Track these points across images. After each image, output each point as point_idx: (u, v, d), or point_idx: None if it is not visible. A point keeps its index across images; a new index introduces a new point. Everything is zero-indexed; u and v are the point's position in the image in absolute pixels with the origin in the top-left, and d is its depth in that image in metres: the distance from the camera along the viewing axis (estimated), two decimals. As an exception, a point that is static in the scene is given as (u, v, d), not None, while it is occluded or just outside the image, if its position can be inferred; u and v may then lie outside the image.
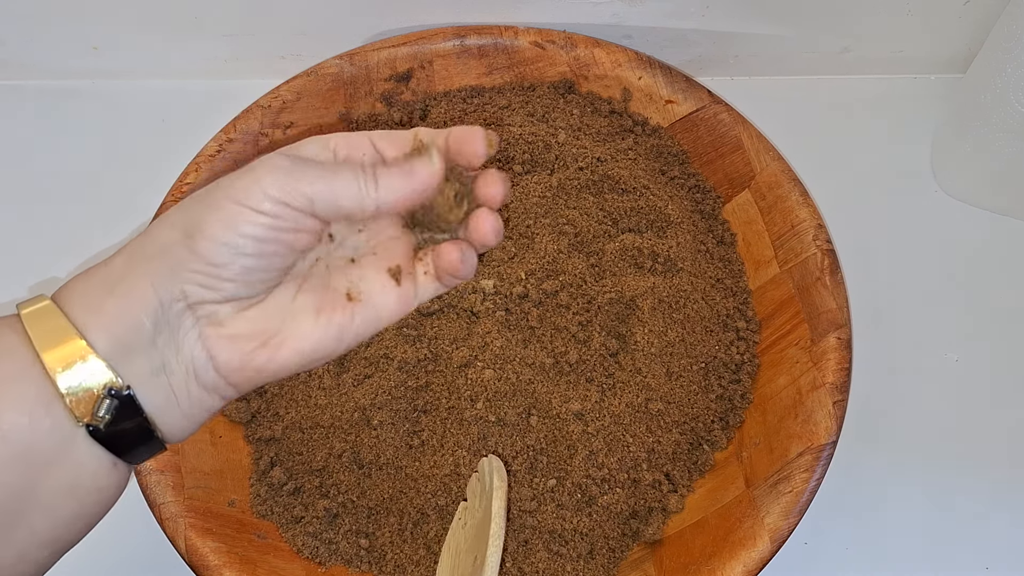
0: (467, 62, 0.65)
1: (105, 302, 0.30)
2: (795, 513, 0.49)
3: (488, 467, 0.49)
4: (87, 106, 0.73)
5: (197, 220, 0.31)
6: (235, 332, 0.32)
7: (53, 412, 0.29)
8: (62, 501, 0.30)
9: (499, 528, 0.44)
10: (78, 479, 0.30)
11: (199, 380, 0.32)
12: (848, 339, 0.53)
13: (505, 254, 0.57)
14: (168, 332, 0.31)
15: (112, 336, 0.30)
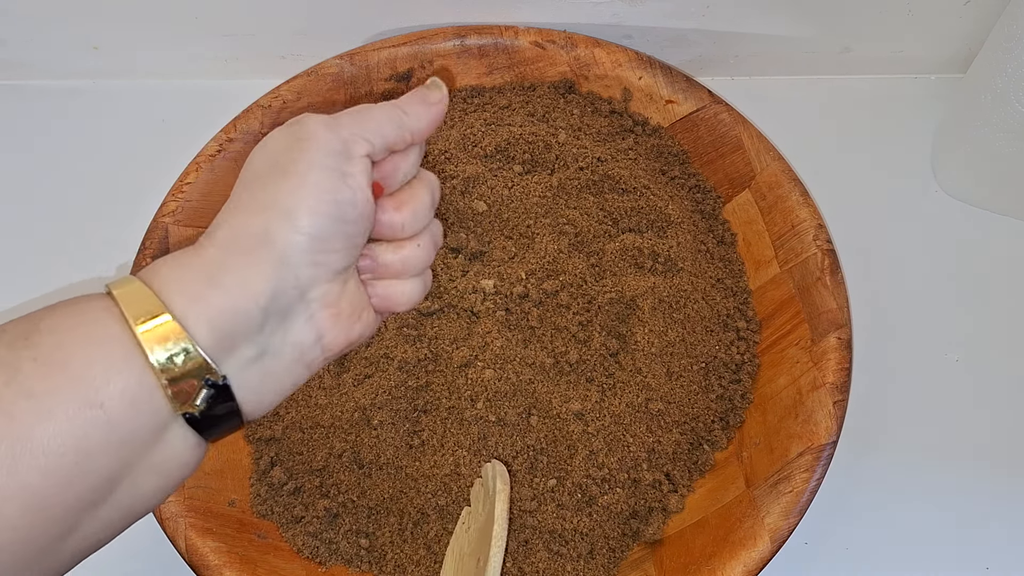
0: (467, 62, 0.65)
1: (210, 295, 0.30)
2: (795, 513, 0.49)
3: (491, 472, 0.49)
4: (87, 106, 0.73)
5: (287, 201, 0.31)
6: (340, 309, 0.34)
7: (154, 401, 0.29)
8: (151, 478, 0.30)
9: (501, 530, 0.45)
10: (167, 459, 0.30)
11: (303, 359, 0.33)
12: (848, 339, 0.53)
13: (505, 254, 0.57)
14: (278, 319, 0.32)
15: (216, 328, 0.30)
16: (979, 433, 0.60)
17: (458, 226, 0.58)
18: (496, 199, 0.58)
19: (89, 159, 0.70)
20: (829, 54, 0.71)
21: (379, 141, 0.34)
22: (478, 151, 0.60)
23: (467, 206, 0.58)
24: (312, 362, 0.34)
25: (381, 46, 0.64)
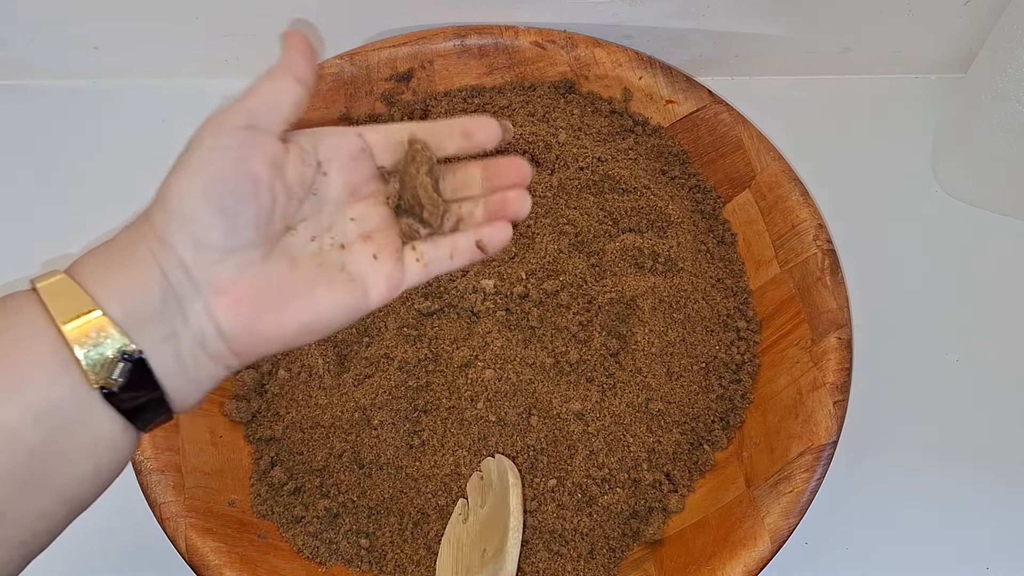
0: (468, 62, 0.65)
1: (115, 276, 0.32)
2: (795, 513, 0.49)
3: (497, 466, 0.49)
4: (87, 106, 0.73)
5: (166, 185, 0.34)
6: (238, 296, 0.34)
7: (72, 377, 0.30)
8: (83, 459, 0.31)
9: (518, 522, 0.47)
10: (97, 439, 0.31)
11: (206, 348, 0.33)
12: (848, 339, 0.53)
13: (505, 254, 0.57)
14: (175, 301, 0.33)
15: (125, 306, 0.31)
16: (979, 433, 0.60)
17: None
18: (496, 199, 0.58)
19: (89, 159, 0.70)
20: (829, 54, 0.71)
21: (263, 108, 0.35)
22: (478, 151, 0.60)
23: (467, 206, 0.58)
24: (218, 355, 0.34)
25: (381, 46, 0.64)
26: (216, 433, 0.54)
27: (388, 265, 0.37)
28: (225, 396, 0.56)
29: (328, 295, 0.35)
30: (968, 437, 0.60)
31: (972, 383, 0.61)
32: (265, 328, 0.34)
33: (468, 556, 0.48)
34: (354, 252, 0.37)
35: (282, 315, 0.34)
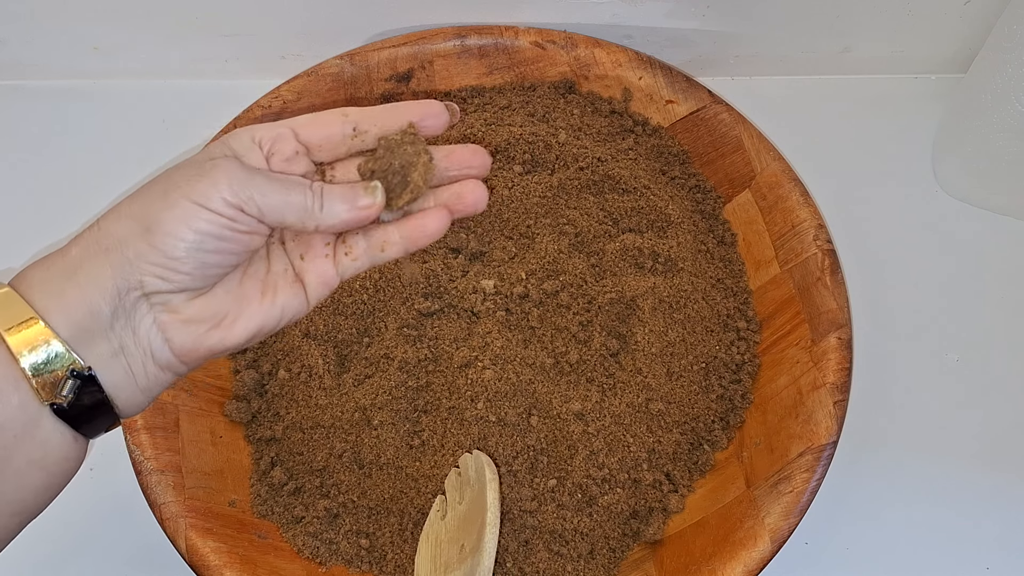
0: (468, 62, 0.65)
1: (65, 289, 0.32)
2: (796, 513, 0.49)
3: (475, 462, 0.49)
4: (88, 106, 0.73)
5: (155, 216, 0.33)
6: (189, 317, 0.34)
7: (20, 392, 0.31)
8: (32, 472, 0.31)
9: (495, 517, 0.46)
10: (46, 452, 0.32)
11: (155, 361, 0.34)
12: (849, 339, 0.53)
13: (506, 254, 0.57)
14: (125, 318, 0.33)
15: (72, 321, 0.32)
16: (979, 433, 0.60)
17: (458, 226, 0.58)
18: (496, 199, 0.58)
19: (89, 159, 0.70)
20: (829, 54, 0.71)
21: (272, 218, 0.34)
22: (478, 151, 0.60)
23: (467, 206, 0.58)
24: (169, 365, 0.35)
25: (381, 46, 0.64)
26: (216, 433, 0.54)
27: (319, 262, 0.37)
28: (225, 396, 0.56)
29: (275, 302, 0.36)
30: (968, 437, 0.60)
31: (972, 383, 0.61)
32: (215, 341, 0.35)
33: (446, 552, 0.48)
34: (291, 252, 0.37)
35: (232, 328, 0.35)
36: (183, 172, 0.34)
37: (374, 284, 0.55)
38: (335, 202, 0.35)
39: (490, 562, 0.45)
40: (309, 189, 0.35)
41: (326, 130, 0.36)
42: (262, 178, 0.34)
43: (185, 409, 0.53)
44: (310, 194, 0.35)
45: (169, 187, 0.34)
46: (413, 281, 0.55)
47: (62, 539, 0.56)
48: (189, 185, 0.33)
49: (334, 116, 0.36)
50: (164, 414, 0.52)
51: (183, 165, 0.35)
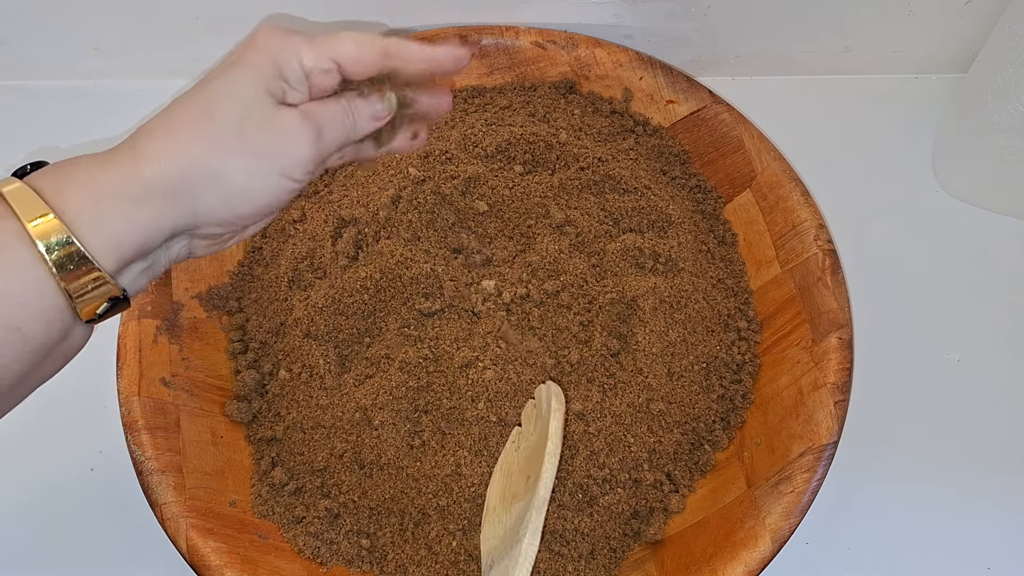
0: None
1: (122, 231, 0.35)
2: (796, 513, 0.49)
3: (546, 392, 0.50)
4: (88, 106, 0.73)
5: (235, 178, 0.36)
6: (214, 236, 0.39)
7: (64, 318, 0.34)
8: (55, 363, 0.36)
9: (555, 447, 0.46)
10: (68, 349, 0.36)
11: (174, 262, 0.40)
12: (849, 339, 0.53)
13: (506, 254, 0.57)
14: (166, 246, 0.38)
15: (121, 258, 0.35)
16: (980, 433, 0.60)
17: (459, 226, 0.58)
18: (497, 199, 0.58)
19: (90, 159, 0.70)
20: (830, 54, 0.71)
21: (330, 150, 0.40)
22: (479, 151, 0.60)
23: (468, 206, 0.58)
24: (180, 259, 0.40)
25: (382, 46, 0.64)
26: (217, 433, 0.54)
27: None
28: (226, 397, 0.56)
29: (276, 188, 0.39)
30: (969, 437, 0.60)
31: (973, 383, 0.61)
32: (231, 246, 0.41)
33: (515, 483, 0.48)
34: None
35: (248, 230, 0.41)
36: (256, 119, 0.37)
37: (375, 284, 0.55)
38: (362, 113, 0.41)
39: (546, 493, 0.45)
40: (348, 115, 0.40)
41: (366, 67, 0.40)
42: (326, 124, 0.39)
43: (186, 409, 0.53)
44: (351, 119, 0.40)
45: (246, 134, 0.36)
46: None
47: (62, 539, 0.56)
48: (276, 148, 0.37)
49: (375, 54, 0.40)
50: (165, 414, 0.52)
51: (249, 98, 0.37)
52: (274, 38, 0.38)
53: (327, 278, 0.57)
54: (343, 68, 0.39)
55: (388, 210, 0.57)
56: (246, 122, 0.36)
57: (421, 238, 0.57)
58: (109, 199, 0.34)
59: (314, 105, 0.39)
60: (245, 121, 0.36)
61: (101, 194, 0.34)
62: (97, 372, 0.55)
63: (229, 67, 0.38)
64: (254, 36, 0.38)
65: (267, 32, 0.38)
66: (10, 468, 0.58)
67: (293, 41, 0.38)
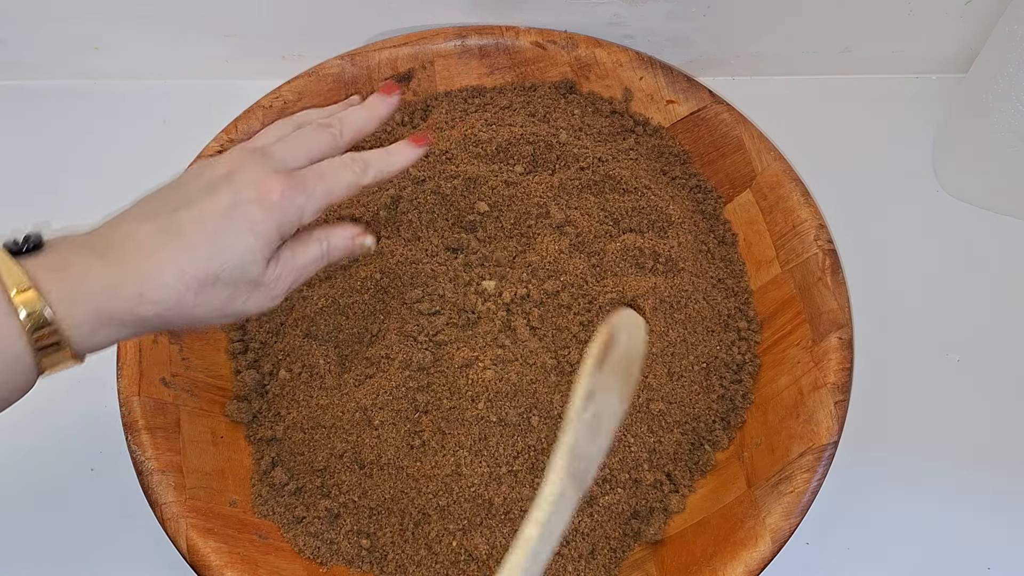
0: (468, 62, 0.65)
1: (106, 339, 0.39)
2: (797, 513, 0.49)
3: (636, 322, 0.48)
4: (88, 106, 0.73)
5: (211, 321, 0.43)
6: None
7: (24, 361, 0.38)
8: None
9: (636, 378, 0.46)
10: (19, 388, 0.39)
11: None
12: (850, 339, 0.53)
13: (507, 254, 0.57)
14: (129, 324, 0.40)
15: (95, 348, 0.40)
16: (980, 433, 0.60)
17: (459, 226, 0.58)
18: (497, 199, 0.58)
19: (90, 160, 0.70)
20: (830, 54, 0.71)
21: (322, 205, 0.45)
22: (479, 151, 0.60)
23: (469, 206, 0.58)
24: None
25: (382, 46, 0.64)
26: (217, 433, 0.54)
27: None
28: (226, 396, 0.56)
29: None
30: (969, 437, 0.60)
31: (973, 383, 0.61)
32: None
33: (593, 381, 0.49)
34: None
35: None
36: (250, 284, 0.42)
37: (375, 284, 0.55)
38: (336, 252, 0.47)
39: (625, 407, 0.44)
40: (320, 244, 0.46)
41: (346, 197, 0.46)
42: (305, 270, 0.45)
43: (186, 409, 0.53)
44: (324, 247, 0.46)
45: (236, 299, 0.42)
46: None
47: (62, 539, 0.56)
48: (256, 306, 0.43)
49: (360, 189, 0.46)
50: (165, 414, 0.52)
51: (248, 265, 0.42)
52: (285, 201, 0.42)
53: (327, 278, 0.57)
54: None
55: (388, 210, 0.57)
56: (239, 286, 0.42)
57: (421, 238, 0.57)
58: (104, 324, 0.39)
59: (296, 253, 0.45)
60: (239, 285, 0.42)
61: (100, 318, 0.38)
62: (97, 372, 0.55)
63: (234, 219, 0.41)
64: (266, 189, 0.42)
65: (278, 189, 0.42)
66: (10, 468, 0.58)
67: (298, 203, 0.43)
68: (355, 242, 0.48)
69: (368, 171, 0.46)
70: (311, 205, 0.43)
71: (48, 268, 0.38)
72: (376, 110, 0.49)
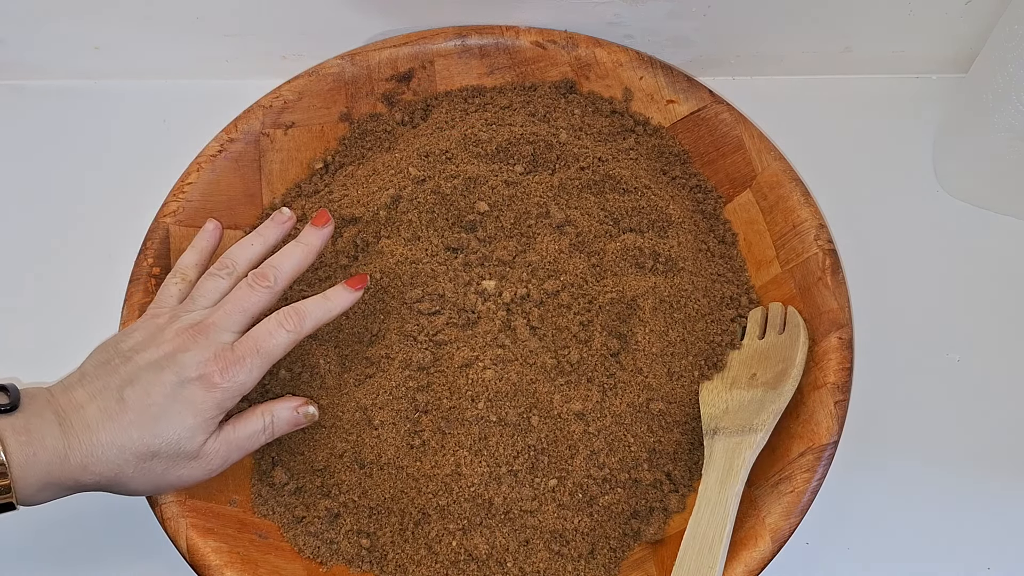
0: (468, 62, 0.65)
1: (48, 498, 0.45)
2: (796, 513, 0.49)
3: (792, 317, 0.55)
4: (88, 106, 0.73)
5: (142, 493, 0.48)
6: None
7: None
8: None
9: (799, 373, 0.52)
10: None
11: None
12: (850, 339, 0.53)
13: (507, 253, 0.57)
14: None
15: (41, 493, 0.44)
16: (980, 433, 0.60)
17: (459, 226, 0.58)
18: (497, 199, 0.58)
19: (90, 159, 0.70)
20: (830, 54, 0.71)
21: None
22: (479, 151, 0.60)
23: (469, 206, 0.58)
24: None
25: (382, 46, 0.64)
26: (217, 433, 0.54)
27: None
28: (226, 396, 0.56)
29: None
30: (969, 437, 0.60)
31: (973, 383, 0.61)
32: None
33: (736, 372, 0.55)
34: None
35: None
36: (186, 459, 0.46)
37: (375, 284, 0.55)
38: (282, 425, 0.50)
39: (783, 405, 0.51)
40: (263, 418, 0.49)
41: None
42: (244, 445, 0.49)
43: (186, 409, 0.53)
44: (267, 420, 0.49)
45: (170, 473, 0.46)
46: None
47: (62, 539, 0.56)
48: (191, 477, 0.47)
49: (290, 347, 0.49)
50: (165, 414, 0.52)
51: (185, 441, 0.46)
52: (226, 381, 0.46)
53: (328, 278, 0.57)
54: None
55: (388, 210, 0.57)
56: (176, 460, 0.45)
57: (421, 238, 0.57)
58: (49, 487, 0.43)
59: (237, 428, 0.48)
60: (176, 460, 0.45)
61: (48, 482, 0.43)
62: (97, 372, 0.55)
63: (176, 400, 0.45)
64: (208, 372, 0.45)
65: (218, 371, 0.46)
66: (10, 468, 0.58)
67: (238, 380, 0.46)
68: (299, 412, 0.50)
69: (306, 323, 0.49)
70: (252, 377, 0.47)
71: (15, 430, 0.42)
72: (311, 244, 0.51)
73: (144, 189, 0.62)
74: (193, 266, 0.53)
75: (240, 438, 0.48)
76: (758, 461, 0.51)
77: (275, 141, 0.63)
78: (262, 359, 0.47)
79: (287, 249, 0.51)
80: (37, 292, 0.65)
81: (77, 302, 0.64)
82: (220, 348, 0.46)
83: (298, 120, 0.63)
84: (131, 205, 0.62)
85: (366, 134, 0.65)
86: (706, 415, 0.54)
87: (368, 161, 0.63)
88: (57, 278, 0.65)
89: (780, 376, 0.52)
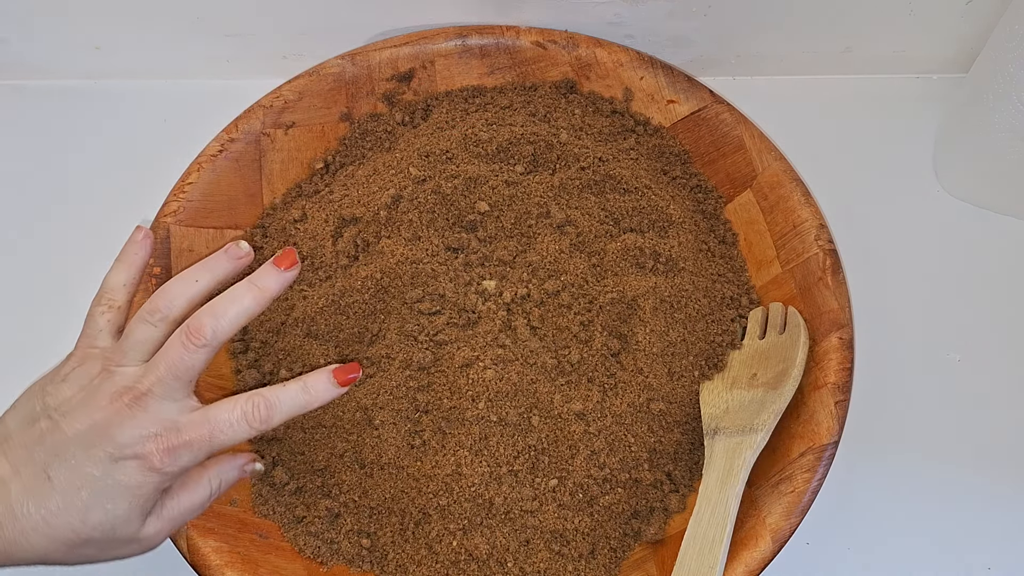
0: (469, 62, 0.65)
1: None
2: (797, 513, 0.49)
3: (792, 318, 0.55)
4: (89, 106, 0.73)
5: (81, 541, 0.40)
6: None
7: None
8: None
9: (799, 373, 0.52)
10: None
11: None
12: (850, 339, 0.53)
13: (507, 253, 0.57)
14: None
15: None
16: (981, 433, 0.60)
17: (460, 226, 0.58)
18: (498, 199, 0.58)
19: (90, 159, 0.70)
20: (830, 54, 0.71)
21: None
22: (480, 151, 0.60)
23: (469, 206, 0.58)
24: None
25: (383, 46, 0.64)
26: (217, 433, 0.54)
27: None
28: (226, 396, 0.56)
29: None
30: (970, 437, 0.60)
31: (973, 383, 0.61)
32: None
33: (737, 372, 0.55)
34: None
35: None
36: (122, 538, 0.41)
37: (376, 284, 0.55)
38: (228, 486, 0.46)
39: (783, 406, 0.51)
40: (210, 485, 0.45)
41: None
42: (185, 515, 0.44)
43: (186, 409, 0.53)
44: (215, 485, 0.45)
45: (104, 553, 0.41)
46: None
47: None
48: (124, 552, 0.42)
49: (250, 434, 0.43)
50: (165, 414, 0.52)
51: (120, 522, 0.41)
52: (167, 464, 0.40)
53: (328, 278, 0.57)
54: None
55: (389, 210, 0.57)
56: (112, 544, 0.41)
57: (422, 238, 0.57)
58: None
59: (182, 500, 0.43)
60: (112, 543, 0.41)
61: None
62: (98, 372, 0.55)
63: (110, 482, 0.39)
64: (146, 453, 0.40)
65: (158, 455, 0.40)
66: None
67: (182, 462, 0.40)
68: (245, 470, 0.47)
69: (274, 418, 0.42)
70: (198, 459, 0.41)
71: None
72: (267, 288, 0.43)
73: (144, 189, 0.62)
74: (121, 287, 0.45)
75: (184, 512, 0.43)
76: (758, 461, 0.52)
77: (276, 141, 0.63)
78: (213, 447, 0.41)
79: (235, 291, 0.42)
80: (37, 292, 0.65)
81: (77, 302, 0.64)
82: (164, 426, 0.40)
83: (299, 120, 0.63)
84: (131, 205, 0.62)
85: (366, 134, 0.65)
86: (706, 415, 0.54)
87: (368, 161, 0.63)
88: (57, 278, 0.65)
89: (780, 376, 0.52)
